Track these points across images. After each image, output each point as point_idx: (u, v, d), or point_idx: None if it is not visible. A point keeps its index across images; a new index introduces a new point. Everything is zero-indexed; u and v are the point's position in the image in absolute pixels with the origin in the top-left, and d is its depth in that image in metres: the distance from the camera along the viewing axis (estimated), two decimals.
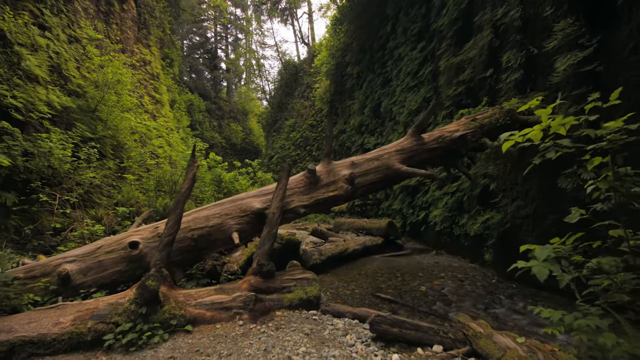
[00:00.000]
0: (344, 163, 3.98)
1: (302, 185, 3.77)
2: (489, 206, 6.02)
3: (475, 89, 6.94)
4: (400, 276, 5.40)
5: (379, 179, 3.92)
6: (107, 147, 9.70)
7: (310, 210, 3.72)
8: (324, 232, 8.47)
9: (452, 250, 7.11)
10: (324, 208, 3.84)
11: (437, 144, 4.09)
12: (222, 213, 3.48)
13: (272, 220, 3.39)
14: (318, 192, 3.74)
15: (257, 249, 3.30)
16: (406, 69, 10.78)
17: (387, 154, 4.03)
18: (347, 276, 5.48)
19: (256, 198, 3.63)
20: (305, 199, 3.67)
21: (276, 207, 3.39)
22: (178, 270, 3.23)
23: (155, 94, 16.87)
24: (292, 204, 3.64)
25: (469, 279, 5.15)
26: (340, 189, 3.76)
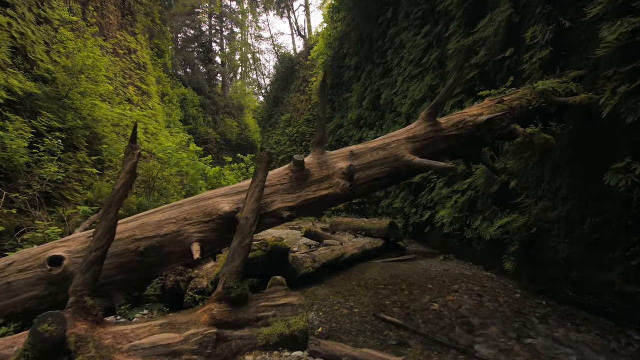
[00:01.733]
0: (340, 154, 3.16)
1: (286, 181, 2.95)
2: (508, 207, 5.22)
3: (490, 73, 6.12)
4: (407, 288, 4.59)
5: (385, 174, 3.10)
6: (80, 139, 8.81)
7: (298, 213, 2.91)
8: (318, 234, 7.66)
9: (462, 255, 6.33)
10: (315, 210, 3.02)
11: (457, 130, 3.28)
12: (180, 218, 2.66)
13: (245, 227, 2.57)
14: (307, 191, 2.92)
15: (224, 266, 2.49)
16: (409, 57, 9.95)
17: (396, 142, 3.21)
18: (345, 288, 4.67)
19: (226, 198, 2.81)
20: (291, 199, 2.85)
21: (250, 211, 2.57)
22: (119, 294, 2.42)
23: (141, 85, 15.92)
24: (272, 205, 2.82)
25: (488, 293, 4.36)
26: (336, 186, 2.94)
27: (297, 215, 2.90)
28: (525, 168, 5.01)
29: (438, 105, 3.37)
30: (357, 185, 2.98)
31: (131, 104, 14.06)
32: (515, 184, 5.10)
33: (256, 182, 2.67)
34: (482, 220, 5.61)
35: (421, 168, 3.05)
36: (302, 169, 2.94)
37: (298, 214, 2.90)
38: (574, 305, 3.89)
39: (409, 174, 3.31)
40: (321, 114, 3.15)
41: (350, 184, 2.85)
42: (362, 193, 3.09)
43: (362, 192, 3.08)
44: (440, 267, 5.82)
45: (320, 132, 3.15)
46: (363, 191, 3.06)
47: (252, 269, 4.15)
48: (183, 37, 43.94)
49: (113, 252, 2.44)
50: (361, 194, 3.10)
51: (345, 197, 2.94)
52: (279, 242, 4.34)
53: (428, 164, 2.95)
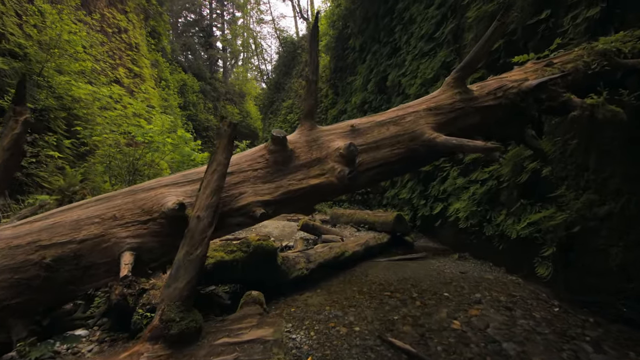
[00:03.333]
0: (337, 129, 2.36)
1: (261, 165, 2.15)
2: (539, 200, 4.40)
3: (518, 42, 5.21)
4: (418, 296, 3.83)
5: (398, 157, 2.30)
6: (57, 120, 8.04)
7: (277, 210, 2.12)
8: (317, 227, 6.90)
9: (480, 254, 5.53)
10: (301, 205, 2.22)
11: (494, 99, 2.45)
12: (108, 215, 1.88)
13: (196, 231, 1.79)
14: (290, 179, 2.13)
15: (164, 287, 1.73)
16: (419, 32, 8.99)
17: (412, 114, 2.39)
18: (344, 295, 3.92)
19: (175, 188, 2.02)
20: (267, 191, 2.07)
21: (204, 207, 1.79)
22: (17, 323, 1.68)
23: (133, 67, 15.05)
24: (240, 199, 2.03)
25: (519, 305, 3.58)
26: (330, 173, 2.14)
27: (275, 212, 2.11)
28: (563, 153, 4.16)
29: (468, 66, 2.53)
30: (360, 172, 2.19)
31: (120, 86, 13.23)
32: (549, 172, 4.26)
33: (213, 165, 1.87)
34: (507, 215, 4.79)
35: (447, 149, 2.24)
36: (284, 149, 2.14)
37: (277, 210, 2.12)
38: (629, 325, 3.11)
39: (429, 157, 2.50)
40: (311, 75, 2.33)
41: (350, 169, 2.05)
42: (366, 182, 2.30)
43: (365, 181, 2.28)
44: (456, 268, 5.04)
45: (309, 100, 2.32)
46: (367, 180, 2.26)
47: (230, 274, 3.40)
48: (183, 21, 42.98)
49: (6, 265, 1.68)
50: (364, 183, 2.30)
51: (343, 187, 2.15)
52: (264, 240, 3.58)
53: (458, 144, 2.13)
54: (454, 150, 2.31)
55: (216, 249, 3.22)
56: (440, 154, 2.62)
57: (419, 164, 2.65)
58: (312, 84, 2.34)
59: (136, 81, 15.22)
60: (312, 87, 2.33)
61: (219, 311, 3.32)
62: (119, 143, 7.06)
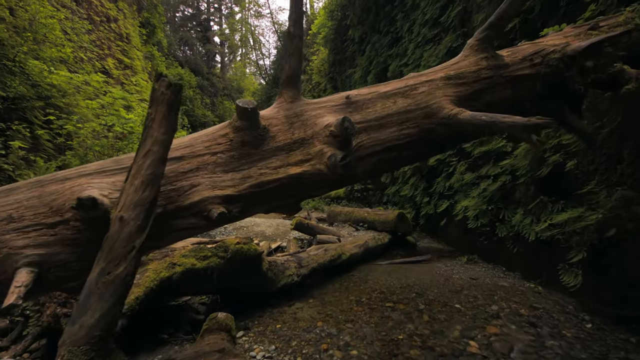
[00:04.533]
0: (328, 102, 1.83)
1: (222, 148, 1.61)
2: (562, 197, 3.88)
3: (535, 21, 4.66)
4: (426, 309, 3.31)
5: (408, 139, 1.76)
6: (35, 111, 7.47)
7: (245, 208, 1.58)
8: (312, 226, 6.36)
9: (491, 256, 5.01)
10: (279, 203, 1.67)
11: (531, 67, 1.92)
12: (1, 215, 1.35)
13: (118, 238, 1.25)
14: (263, 166, 1.59)
15: (69, 323, 1.19)
16: (422, 18, 8.43)
17: (426, 84, 1.85)
18: (339, 307, 3.40)
19: (101, 177, 1.48)
20: (229, 182, 1.53)
21: (131, 204, 1.25)
22: None
23: (123, 58, 14.45)
24: (192, 193, 1.50)
25: (545, 321, 3.06)
26: (318, 159, 1.61)
27: (243, 211, 1.58)
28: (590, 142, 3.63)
29: (499, 23, 1.99)
30: (357, 159, 1.65)
31: (109, 77, 12.65)
32: (574, 165, 3.72)
33: (147, 145, 1.32)
34: (524, 214, 4.26)
35: (473, 129, 1.69)
36: (254, 126, 1.60)
37: (246, 209, 1.58)
38: None
39: (449, 140, 1.95)
40: (293, 29, 1.77)
41: (344, 154, 1.52)
42: (366, 172, 1.76)
43: (365, 171, 1.74)
44: (465, 273, 4.52)
45: (291, 61, 1.77)
46: (367, 169, 1.73)
47: (203, 284, 2.87)
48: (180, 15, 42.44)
49: None
50: (363, 173, 1.77)
51: (335, 178, 1.62)
52: (246, 243, 3.04)
53: (489, 121, 1.59)
54: (483, 131, 1.78)
55: (186, 255, 2.69)
56: (462, 136, 2.06)
57: (434, 148, 2.09)
58: (296, 40, 1.79)
59: (127, 73, 14.62)
60: (295, 44, 1.78)
61: (190, 329, 2.79)
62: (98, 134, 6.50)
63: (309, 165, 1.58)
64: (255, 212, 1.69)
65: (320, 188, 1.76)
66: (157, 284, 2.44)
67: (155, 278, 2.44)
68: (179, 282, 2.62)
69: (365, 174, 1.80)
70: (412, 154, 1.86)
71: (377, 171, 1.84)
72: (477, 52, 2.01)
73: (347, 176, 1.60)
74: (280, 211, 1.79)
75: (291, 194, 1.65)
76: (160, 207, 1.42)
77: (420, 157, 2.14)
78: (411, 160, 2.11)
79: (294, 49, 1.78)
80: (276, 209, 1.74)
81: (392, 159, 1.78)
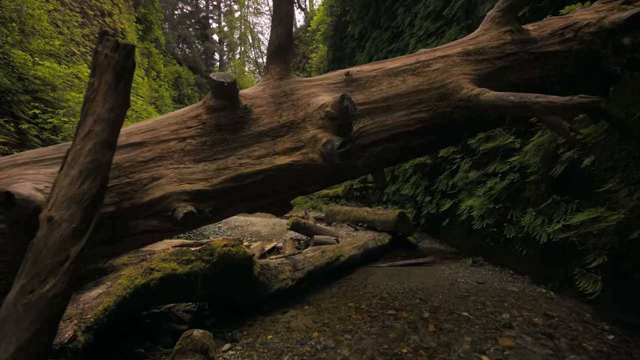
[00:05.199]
0: (324, 79, 1.55)
1: (193, 132, 1.32)
2: (576, 195, 3.62)
3: (547, 8, 4.38)
4: (431, 317, 3.04)
5: (420, 125, 1.49)
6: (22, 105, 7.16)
7: (220, 207, 1.30)
8: (309, 226, 6.09)
9: (498, 259, 4.75)
10: (264, 202, 1.39)
11: (561, 42, 1.65)
12: None
13: (46, 245, 0.98)
14: (243, 155, 1.32)
15: None
16: (425, 11, 8.17)
17: (441, 60, 1.58)
18: (337, 315, 3.13)
19: (38, 168, 1.20)
20: (200, 174, 1.26)
21: (64, 200, 0.99)
22: None
23: None
24: (153, 188, 1.22)
25: (562, 331, 2.80)
26: (311, 146, 1.34)
27: (217, 211, 1.30)
28: (609, 138, 3.37)
29: None
30: (359, 147, 1.38)
31: None
32: (591, 162, 3.45)
33: (87, 124, 1.03)
34: (535, 214, 3.99)
35: (498, 112, 1.41)
36: (232, 106, 1.32)
37: (220, 207, 1.30)
38: None
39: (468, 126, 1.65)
40: None
41: (343, 140, 1.24)
42: (369, 164, 1.48)
43: (368, 162, 1.46)
44: (471, 277, 4.25)
45: (280, 29, 1.47)
46: (371, 160, 1.45)
47: (187, 291, 2.59)
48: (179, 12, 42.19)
49: None
50: (366, 165, 1.49)
51: (331, 170, 1.34)
52: (235, 246, 2.77)
53: (519, 101, 1.31)
54: (510, 114, 1.51)
55: (166, 259, 2.41)
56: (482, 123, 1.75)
57: (449, 137, 1.78)
58: (284, 4, 1.50)
59: None
60: (283, 9, 1.49)
61: (171, 340, 2.51)
62: None
63: (299, 154, 1.30)
64: (234, 212, 1.41)
65: (314, 182, 1.48)
66: (131, 292, 2.16)
67: (129, 286, 2.16)
68: (158, 290, 2.34)
69: (368, 167, 1.52)
70: (422, 144, 1.58)
71: (381, 163, 1.55)
72: (499, 25, 1.73)
73: (346, 168, 1.33)
74: (266, 210, 1.51)
75: (278, 189, 1.37)
76: (112, 205, 1.15)
77: (432, 147, 1.84)
78: (421, 151, 1.82)
79: (283, 14, 1.48)
80: (261, 208, 1.46)
81: (399, 149, 1.50)
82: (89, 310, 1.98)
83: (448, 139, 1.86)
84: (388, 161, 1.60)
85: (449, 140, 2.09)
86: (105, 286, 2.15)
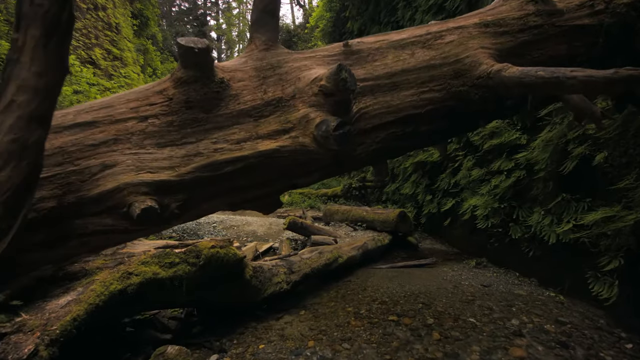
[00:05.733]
0: (319, 52, 1.34)
1: (156, 111, 1.11)
2: (588, 194, 3.42)
3: None
4: (435, 324, 2.84)
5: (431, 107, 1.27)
6: None
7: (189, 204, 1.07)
8: (306, 226, 5.88)
9: (503, 260, 4.55)
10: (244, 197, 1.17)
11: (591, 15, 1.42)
12: None
13: None
14: (219, 139, 1.10)
15: None
16: (426, 5, 7.97)
17: (455, 32, 1.38)
18: (335, 322, 2.92)
19: None
20: (165, 162, 1.05)
21: None
22: None
23: (112, 48, 13.86)
24: (105, 178, 1.01)
25: (576, 339, 2.60)
26: (302, 129, 1.12)
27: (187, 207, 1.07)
28: (623, 133, 3.17)
29: None
30: (360, 132, 1.16)
31: (96, 68, 12.12)
32: (604, 158, 3.26)
33: (9, 93, 0.81)
34: (544, 213, 3.79)
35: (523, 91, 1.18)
36: (206, 78, 1.10)
37: (191, 203, 1.08)
38: None
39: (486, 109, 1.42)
40: None
41: (341, 120, 1.02)
42: (371, 153, 1.26)
43: (370, 151, 1.24)
44: (475, 280, 4.05)
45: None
46: (373, 148, 1.23)
47: (170, 297, 2.38)
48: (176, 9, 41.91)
49: None
50: (368, 154, 1.27)
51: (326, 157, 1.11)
52: (223, 247, 2.55)
53: (552, 77, 1.10)
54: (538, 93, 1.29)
55: (146, 262, 2.19)
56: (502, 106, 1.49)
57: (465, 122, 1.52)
58: None
59: (116, 64, 14.05)
60: None
61: (153, 351, 2.28)
62: None
63: (288, 138, 1.09)
64: (211, 209, 1.19)
65: (306, 173, 1.25)
66: (105, 299, 1.94)
67: (103, 292, 1.94)
68: (137, 296, 2.12)
69: (369, 156, 1.29)
70: (432, 130, 1.35)
71: (385, 152, 1.33)
72: None
73: (344, 156, 1.12)
74: (250, 207, 1.30)
75: (263, 181, 1.15)
76: (52, 200, 0.94)
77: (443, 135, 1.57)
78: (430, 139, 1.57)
79: None
80: (244, 204, 1.24)
81: (406, 136, 1.28)
82: (55, 321, 1.76)
83: (462, 124, 1.62)
84: (393, 150, 1.38)
85: (463, 127, 1.82)
86: (75, 293, 1.93)
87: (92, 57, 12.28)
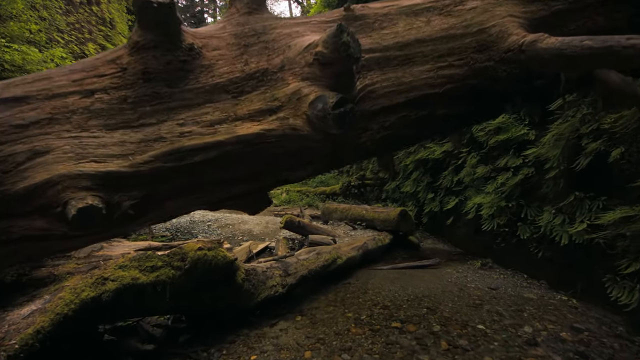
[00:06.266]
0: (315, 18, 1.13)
1: (107, 84, 0.88)
2: (602, 192, 3.22)
3: None
4: (442, 331, 2.64)
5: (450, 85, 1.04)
6: None
7: (148, 203, 0.85)
8: (303, 225, 5.67)
9: (509, 261, 4.36)
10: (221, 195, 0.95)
11: None
12: None
13: None
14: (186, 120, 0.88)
15: None
16: None
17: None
18: (333, 328, 2.72)
19: None
20: (115, 148, 0.82)
21: None
22: None
23: (106, 44, 13.56)
24: (31, 169, 0.79)
25: (595, 349, 2.41)
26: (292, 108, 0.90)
27: (145, 206, 0.84)
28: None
29: None
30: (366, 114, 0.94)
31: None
32: (620, 154, 3.05)
33: None
34: (555, 212, 3.59)
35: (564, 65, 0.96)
36: (171, 42, 0.87)
37: (151, 201, 0.85)
38: None
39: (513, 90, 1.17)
40: None
41: (341, 96, 0.80)
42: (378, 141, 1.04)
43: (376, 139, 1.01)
44: (482, 282, 3.85)
45: None
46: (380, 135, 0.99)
47: (152, 304, 2.16)
48: None
49: None
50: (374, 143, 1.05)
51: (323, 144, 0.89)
52: (212, 249, 2.34)
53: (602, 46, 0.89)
54: (583, 68, 1.08)
55: (124, 266, 1.98)
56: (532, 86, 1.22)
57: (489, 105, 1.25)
58: None
59: None
60: None
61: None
62: None
63: (275, 120, 0.85)
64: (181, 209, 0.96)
65: (299, 165, 1.02)
66: (75, 308, 1.73)
67: (73, 300, 1.73)
68: (114, 304, 1.90)
69: (375, 144, 1.05)
70: (450, 114, 1.11)
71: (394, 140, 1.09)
72: None
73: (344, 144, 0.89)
74: (231, 206, 1.09)
75: (246, 174, 0.92)
76: None
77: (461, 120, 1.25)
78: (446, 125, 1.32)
79: None
80: (223, 202, 1.01)
81: (420, 121, 1.03)
82: (15, 334, 1.55)
83: (484, 108, 1.35)
84: (404, 138, 1.14)
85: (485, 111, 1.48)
86: (41, 301, 1.72)
87: (85, 53, 12.01)
